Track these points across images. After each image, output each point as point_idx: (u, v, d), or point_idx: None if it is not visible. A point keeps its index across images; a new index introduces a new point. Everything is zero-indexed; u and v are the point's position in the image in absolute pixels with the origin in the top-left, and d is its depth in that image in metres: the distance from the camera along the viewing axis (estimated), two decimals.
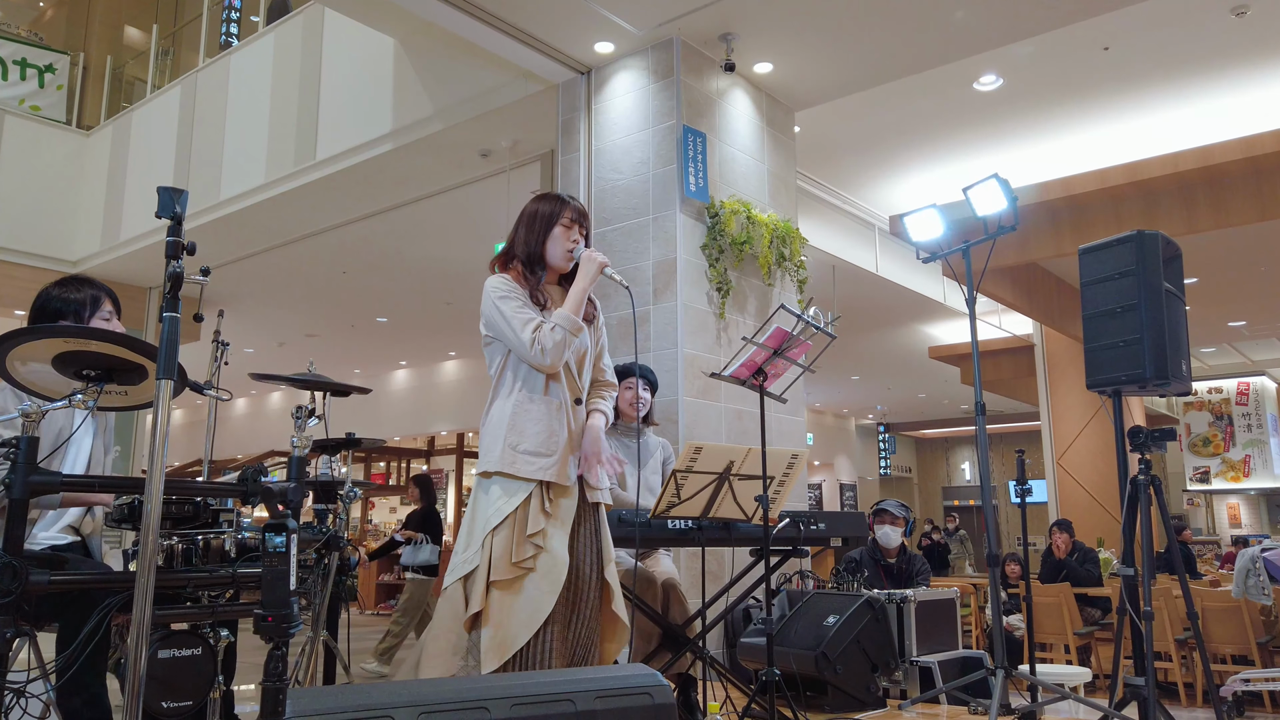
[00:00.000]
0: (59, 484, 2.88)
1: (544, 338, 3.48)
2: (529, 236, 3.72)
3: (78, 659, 3.02)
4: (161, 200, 2.52)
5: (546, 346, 3.47)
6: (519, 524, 3.43)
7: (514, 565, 3.39)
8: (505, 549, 3.40)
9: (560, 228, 3.70)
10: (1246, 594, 7.63)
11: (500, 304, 3.56)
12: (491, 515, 3.45)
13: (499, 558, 3.39)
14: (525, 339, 3.47)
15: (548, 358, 3.48)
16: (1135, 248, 4.88)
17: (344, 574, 4.98)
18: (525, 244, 3.72)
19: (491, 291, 3.61)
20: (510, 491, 3.47)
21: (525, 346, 3.48)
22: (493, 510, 3.45)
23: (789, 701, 4.69)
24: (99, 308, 3.81)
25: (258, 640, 2.51)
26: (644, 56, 7.79)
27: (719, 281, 7.50)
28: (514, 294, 3.59)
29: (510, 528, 3.42)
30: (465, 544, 3.50)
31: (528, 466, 3.48)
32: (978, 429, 5.14)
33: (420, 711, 2.55)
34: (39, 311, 3.74)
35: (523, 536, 3.42)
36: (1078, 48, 8.46)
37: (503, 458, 3.48)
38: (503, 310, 3.55)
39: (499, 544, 3.41)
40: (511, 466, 3.47)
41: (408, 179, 10.13)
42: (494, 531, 3.43)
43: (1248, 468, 21.55)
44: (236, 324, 15.79)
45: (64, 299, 3.75)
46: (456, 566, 3.47)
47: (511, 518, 3.43)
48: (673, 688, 3.27)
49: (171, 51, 14.36)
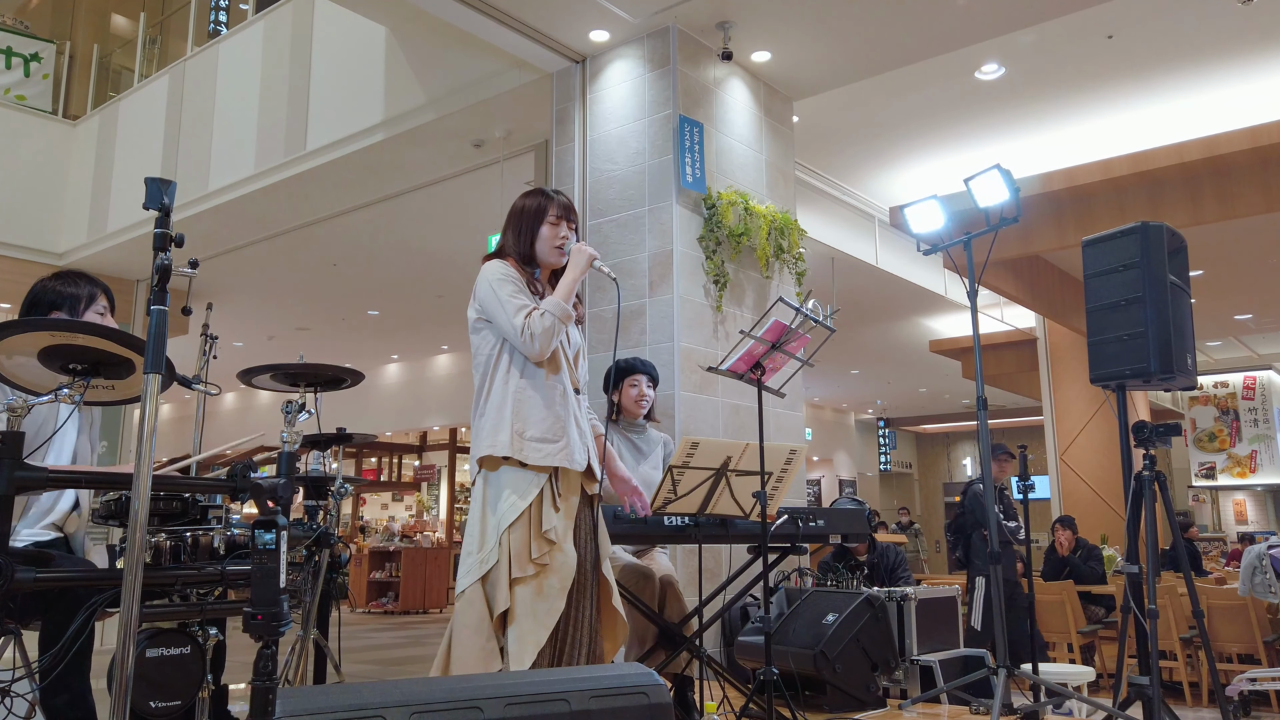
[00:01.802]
0: (45, 480, 2.88)
1: (534, 323, 3.51)
2: (519, 236, 3.78)
3: (63, 658, 3.02)
4: (149, 191, 2.52)
5: (535, 332, 3.50)
6: (534, 520, 3.45)
7: (533, 562, 3.41)
8: (523, 546, 3.41)
9: (548, 226, 3.77)
10: (1253, 592, 7.64)
11: (497, 286, 3.59)
12: (506, 512, 3.46)
13: (518, 555, 3.41)
14: (517, 324, 3.51)
15: (536, 344, 3.51)
16: (1140, 239, 4.89)
17: (335, 571, 4.99)
18: (517, 244, 3.77)
19: (490, 274, 3.64)
20: (522, 488, 3.48)
21: (516, 331, 3.51)
22: (506, 506, 3.46)
23: (787, 701, 4.69)
24: (94, 304, 3.81)
25: (248, 639, 2.51)
26: (640, 45, 7.78)
27: (716, 274, 7.50)
28: (512, 279, 3.62)
29: (526, 524, 3.44)
30: (479, 543, 3.50)
31: (536, 453, 3.50)
32: (979, 424, 5.15)
33: (412, 711, 2.55)
34: (32, 304, 3.74)
35: (539, 533, 3.44)
36: (1081, 36, 8.45)
37: (512, 444, 3.50)
38: (499, 293, 3.58)
39: (516, 541, 3.42)
40: (520, 454, 3.49)
41: (399, 170, 10.11)
42: (510, 529, 3.43)
43: (1254, 463, 21.55)
44: (225, 317, 15.75)
45: (59, 292, 3.75)
46: (471, 568, 3.47)
47: (526, 514, 3.45)
48: (669, 687, 3.28)
49: (159, 40, 14.31)
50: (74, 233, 12.94)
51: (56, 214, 13.08)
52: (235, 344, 18.18)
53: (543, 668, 3.33)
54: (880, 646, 5.83)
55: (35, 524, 3.63)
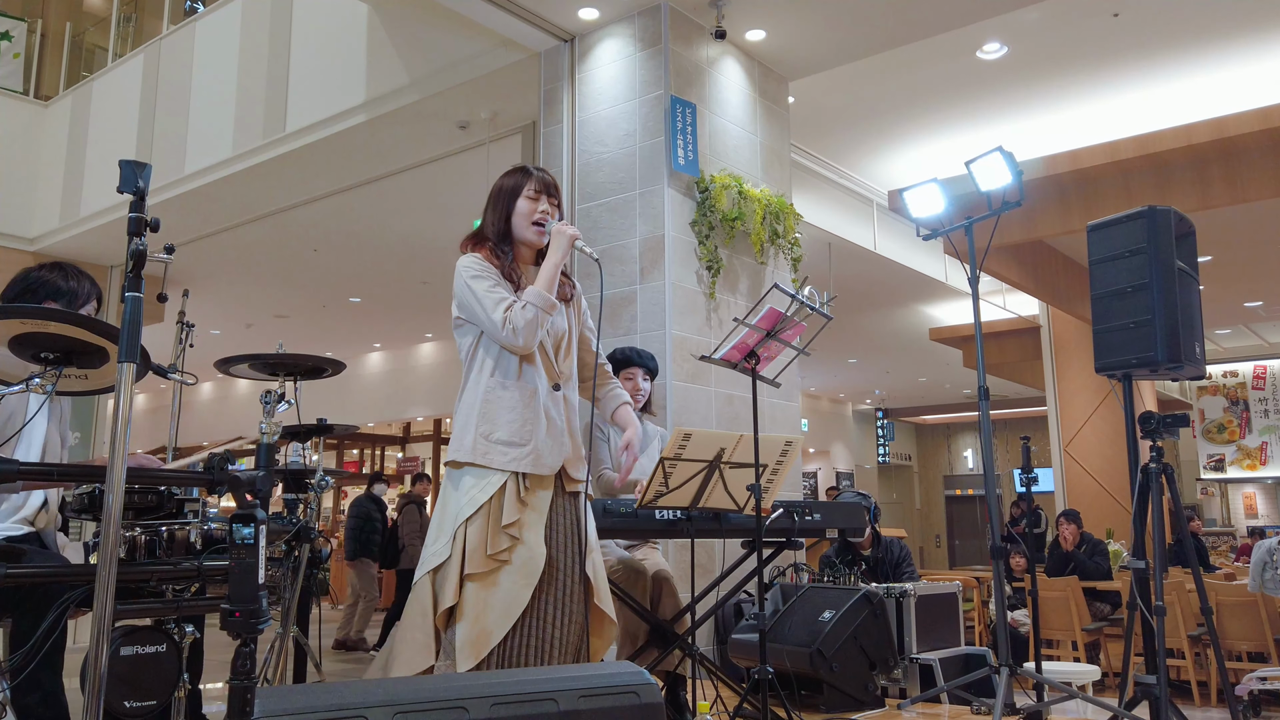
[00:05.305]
0: (15, 473, 2.87)
1: (515, 316, 3.46)
2: (495, 214, 3.74)
3: (34, 656, 3.01)
4: (124, 174, 2.51)
5: (518, 325, 3.45)
6: (493, 514, 3.41)
7: (489, 558, 3.38)
8: (480, 541, 3.38)
9: (525, 200, 3.70)
10: (1263, 588, 7.67)
11: (472, 283, 3.55)
12: (464, 505, 3.43)
13: (473, 550, 3.38)
14: (497, 319, 3.46)
15: (520, 337, 3.46)
16: (1146, 224, 4.89)
17: (315, 567, 4.99)
18: (493, 222, 3.73)
19: (464, 271, 3.60)
20: (483, 480, 3.45)
21: (497, 327, 3.46)
22: (465, 500, 3.44)
23: (783, 701, 4.70)
24: (89, 304, 3.79)
25: (225, 637, 2.50)
26: (630, 23, 7.77)
27: (709, 260, 7.50)
28: (487, 273, 3.58)
29: (484, 518, 3.41)
30: (435, 536, 3.48)
31: (500, 457, 3.46)
32: (981, 415, 5.16)
33: (395, 711, 2.55)
34: (22, 293, 3.70)
35: (497, 527, 3.40)
36: (1086, 14, 8.45)
37: (475, 448, 3.47)
38: (474, 290, 3.53)
39: (473, 535, 3.39)
40: (484, 457, 3.46)
41: (382, 152, 10.09)
42: (467, 522, 3.41)
43: (1264, 455, 21.63)
44: (202, 304, 15.69)
45: (57, 286, 3.72)
46: (426, 559, 3.45)
47: (485, 507, 3.41)
48: (661, 686, 3.28)
49: (134, 18, 14.27)
50: (46, 217, 12.90)
51: (28, 197, 13.03)
52: (212, 332, 18.15)
53: (522, 667, 3.33)
54: (879, 644, 5.84)
55: (6, 519, 3.62)
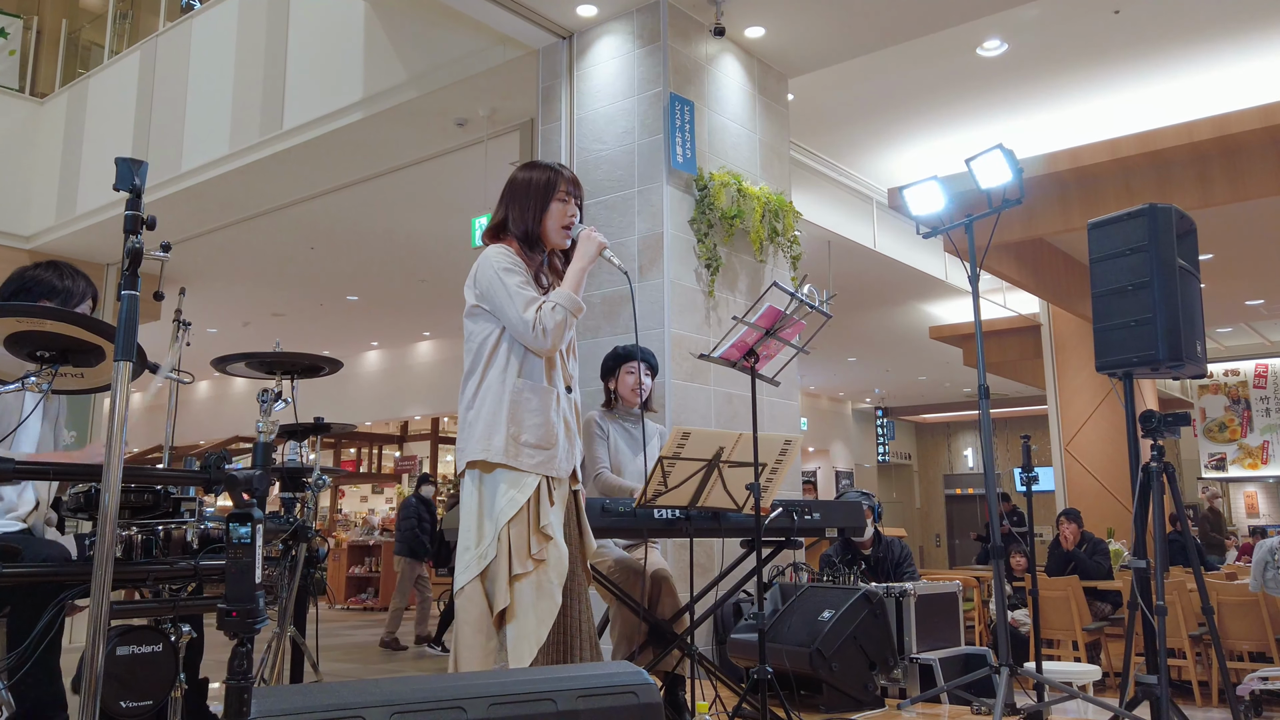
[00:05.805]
0: (11, 471, 2.87)
1: (546, 317, 3.43)
2: (524, 212, 3.66)
3: (32, 653, 3.01)
4: (120, 172, 2.51)
5: (548, 327, 3.43)
6: (532, 516, 3.44)
7: (532, 558, 3.40)
8: (522, 542, 3.40)
9: (557, 202, 3.66)
10: (1265, 587, 7.65)
11: (504, 276, 3.50)
12: (505, 507, 3.42)
13: (518, 551, 3.39)
14: (527, 318, 3.43)
15: (549, 339, 3.44)
16: (1147, 222, 4.89)
17: (312, 566, 4.99)
18: (521, 220, 3.66)
19: (495, 260, 3.54)
20: (518, 483, 3.45)
21: (526, 326, 3.44)
22: (505, 501, 3.43)
23: (782, 701, 4.71)
24: (85, 304, 3.78)
25: (224, 636, 2.50)
26: (629, 20, 7.77)
27: (708, 258, 7.50)
28: (519, 269, 3.54)
29: (525, 520, 3.42)
30: (475, 539, 3.46)
31: (529, 459, 3.47)
32: (981, 413, 5.15)
33: (393, 711, 2.55)
34: (16, 291, 3.69)
35: (536, 528, 3.43)
36: (1086, 10, 8.45)
37: (507, 449, 3.46)
38: (506, 284, 3.49)
39: (516, 537, 3.40)
40: (515, 459, 3.45)
41: (380, 149, 10.09)
42: (510, 524, 3.41)
43: (1266, 454, 21.59)
44: (199, 303, 15.69)
45: (52, 285, 3.71)
46: (470, 563, 3.43)
47: (525, 509, 3.42)
48: (659, 686, 3.28)
49: (130, 15, 14.26)
50: (42, 215, 12.90)
51: (23, 195, 13.03)
52: (209, 330, 18.16)
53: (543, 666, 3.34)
54: (878, 644, 5.84)
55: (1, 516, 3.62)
